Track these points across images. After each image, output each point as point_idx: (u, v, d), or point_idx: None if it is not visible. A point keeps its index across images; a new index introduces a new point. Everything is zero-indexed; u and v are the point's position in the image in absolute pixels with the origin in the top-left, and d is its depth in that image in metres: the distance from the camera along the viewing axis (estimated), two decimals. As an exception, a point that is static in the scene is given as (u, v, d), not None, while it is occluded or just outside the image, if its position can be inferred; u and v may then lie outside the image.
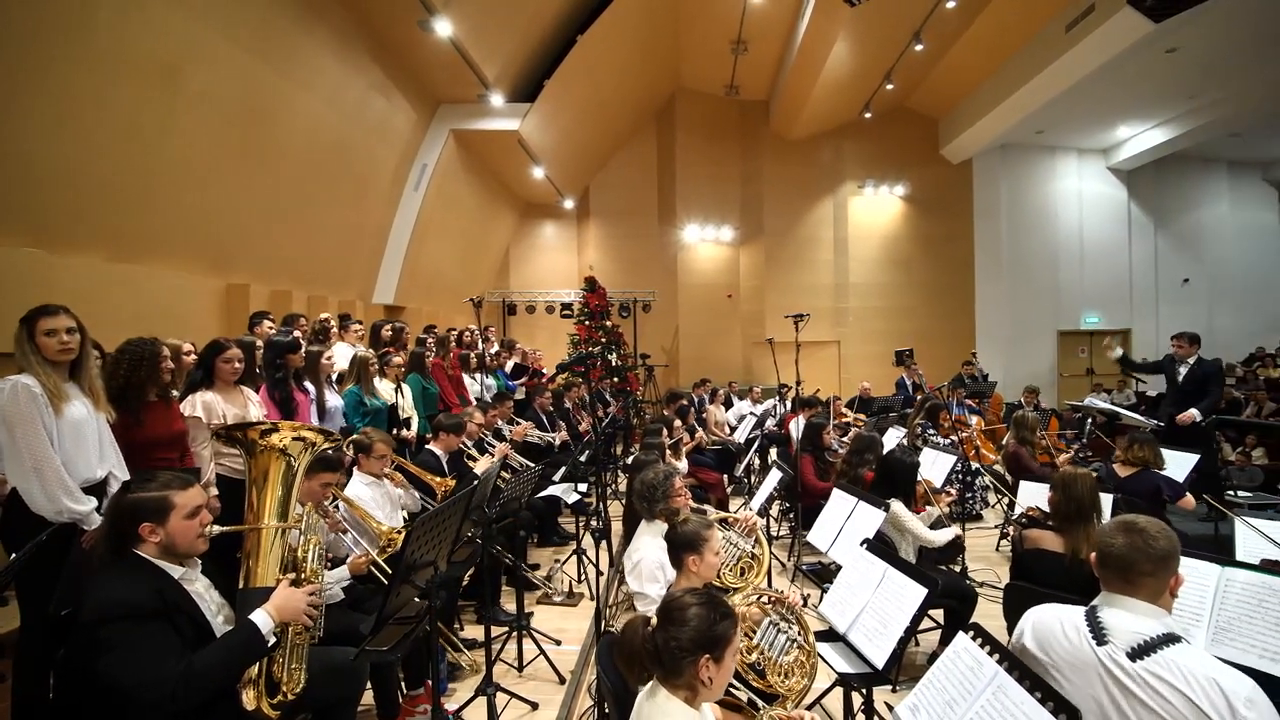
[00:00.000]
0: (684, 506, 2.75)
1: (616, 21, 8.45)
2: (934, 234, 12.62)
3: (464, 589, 3.72)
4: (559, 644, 3.43)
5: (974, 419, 7.10)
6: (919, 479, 3.74)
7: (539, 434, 5.73)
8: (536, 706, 2.88)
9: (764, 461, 7.00)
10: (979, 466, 6.15)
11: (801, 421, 5.19)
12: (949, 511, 3.90)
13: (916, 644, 3.50)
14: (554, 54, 8.61)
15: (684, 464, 5.34)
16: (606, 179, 12.35)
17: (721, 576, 2.55)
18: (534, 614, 3.72)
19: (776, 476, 4.39)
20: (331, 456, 2.65)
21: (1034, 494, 3.88)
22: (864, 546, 2.53)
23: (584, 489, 4.61)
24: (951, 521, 3.72)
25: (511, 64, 8.26)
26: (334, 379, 4.30)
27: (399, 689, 2.70)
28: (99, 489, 2.41)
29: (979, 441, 6.61)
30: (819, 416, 5.81)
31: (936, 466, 4.55)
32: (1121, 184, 12.68)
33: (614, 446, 7.78)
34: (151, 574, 1.70)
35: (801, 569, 4.42)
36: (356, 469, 3.23)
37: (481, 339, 6.79)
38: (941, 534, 3.51)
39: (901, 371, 9.33)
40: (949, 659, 1.61)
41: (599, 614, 3.08)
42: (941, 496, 3.86)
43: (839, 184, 12.56)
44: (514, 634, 3.25)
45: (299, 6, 5.54)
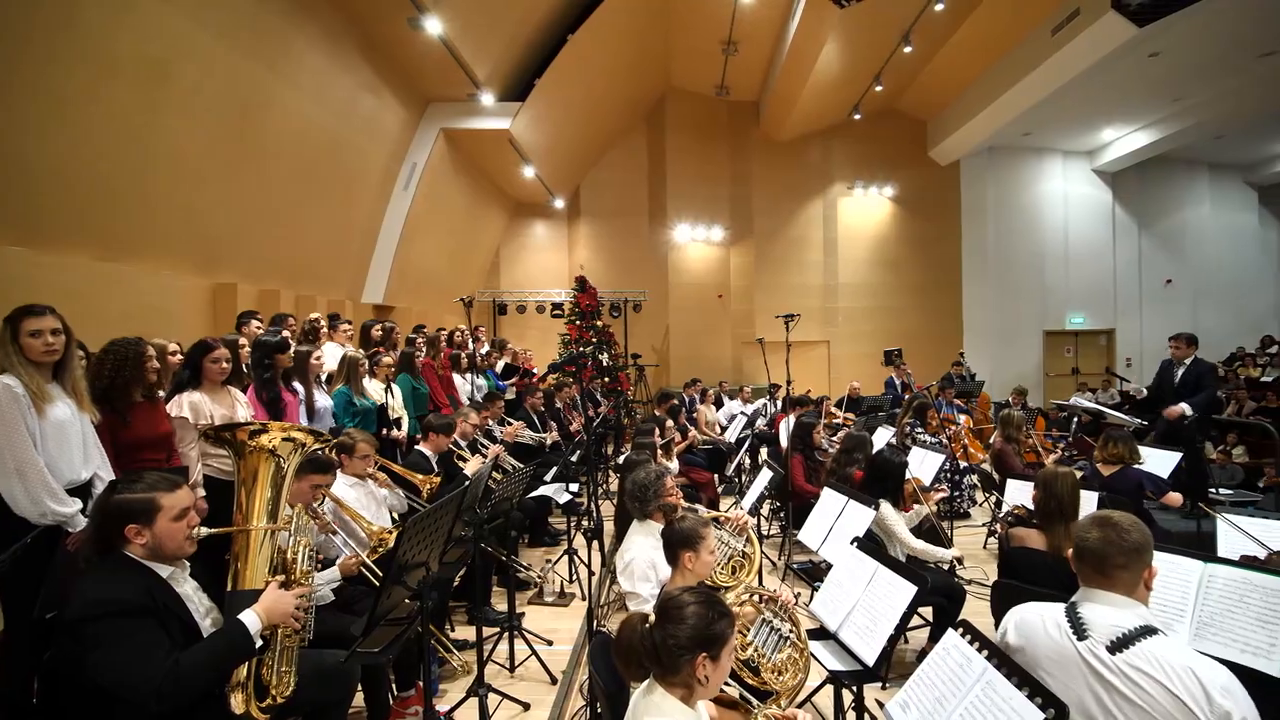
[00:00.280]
0: (677, 506, 2.76)
1: (607, 21, 8.44)
2: (922, 235, 12.72)
3: (455, 590, 3.71)
4: (550, 644, 3.43)
5: (962, 418, 7.17)
6: (908, 477, 3.77)
7: (530, 434, 5.72)
8: (528, 707, 2.87)
9: (754, 461, 7.03)
10: (967, 465, 6.21)
11: (792, 421, 5.21)
12: (938, 509, 3.93)
13: (905, 641, 3.53)
14: (545, 53, 8.60)
15: (675, 464, 5.35)
16: (597, 179, 12.34)
17: (713, 575, 2.57)
18: (525, 614, 3.72)
19: (767, 476, 4.40)
20: (322, 458, 2.64)
21: (1021, 492, 3.93)
22: (854, 545, 2.55)
23: (575, 489, 4.61)
24: (941, 520, 3.74)
25: (502, 63, 8.23)
26: (323, 379, 4.26)
27: (390, 691, 2.69)
28: (83, 491, 2.38)
29: (967, 440, 6.67)
30: (809, 416, 5.84)
31: (925, 465, 4.59)
32: (1106, 186, 12.84)
33: (605, 446, 7.78)
34: (139, 573, 1.69)
35: (792, 567, 4.44)
36: (340, 470, 3.20)
37: (472, 339, 6.76)
38: (938, 552, 3.45)
39: (890, 371, 9.40)
40: (938, 656, 1.63)
41: (591, 614, 3.08)
42: (930, 494, 3.89)
43: (828, 185, 12.64)
44: (505, 634, 3.24)
45: (288, 4, 5.50)
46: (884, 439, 5.49)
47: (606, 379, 10.49)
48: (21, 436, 2.19)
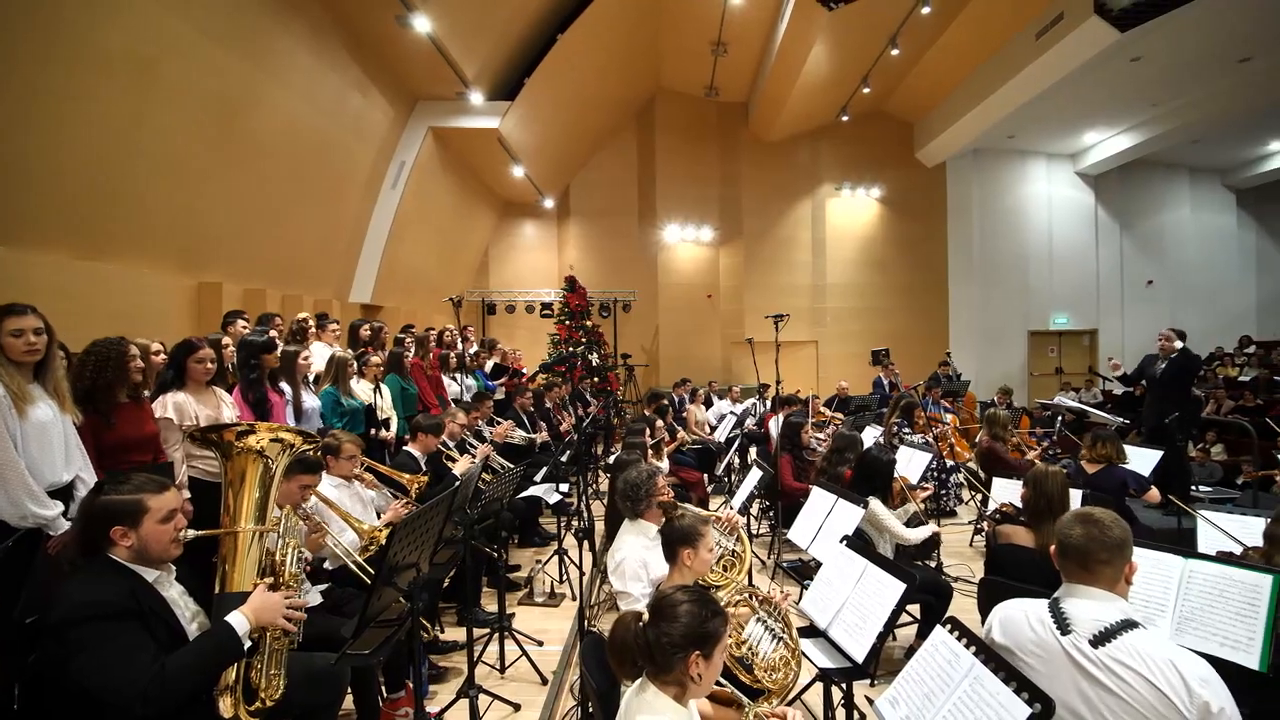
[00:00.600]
0: (676, 504, 2.77)
1: (597, 21, 8.44)
2: (909, 236, 12.84)
3: (444, 591, 3.69)
4: (541, 644, 3.42)
5: (948, 417, 7.24)
6: (896, 476, 3.81)
7: (520, 434, 5.70)
8: (519, 708, 2.87)
9: (744, 460, 7.05)
10: (953, 464, 6.28)
11: (781, 420, 5.24)
12: (925, 508, 3.97)
13: (894, 639, 3.56)
14: (534, 52, 8.57)
15: (665, 463, 5.36)
16: (587, 178, 12.33)
17: (705, 575, 2.57)
18: (515, 615, 3.71)
19: (757, 475, 4.42)
20: (310, 458, 2.61)
21: (1007, 490, 3.99)
22: (843, 543, 2.57)
23: (565, 489, 4.60)
24: (928, 518, 3.78)
25: (491, 62, 8.20)
26: (310, 379, 4.23)
27: (379, 692, 2.67)
28: (65, 493, 2.34)
29: (953, 439, 6.74)
30: (797, 415, 5.88)
31: (912, 464, 4.64)
32: (1089, 188, 13.03)
33: (595, 446, 7.77)
34: (124, 575, 1.66)
35: (782, 566, 4.47)
36: (325, 471, 3.17)
37: (461, 339, 6.72)
38: (918, 532, 3.57)
39: (878, 371, 9.48)
40: (927, 652, 1.64)
41: (582, 614, 3.08)
42: (917, 492, 3.93)
43: (817, 186, 12.71)
44: (496, 635, 3.23)
45: (276, 2, 5.45)
46: (872, 438, 5.54)
47: (596, 379, 10.48)
48: (2, 438, 2.15)
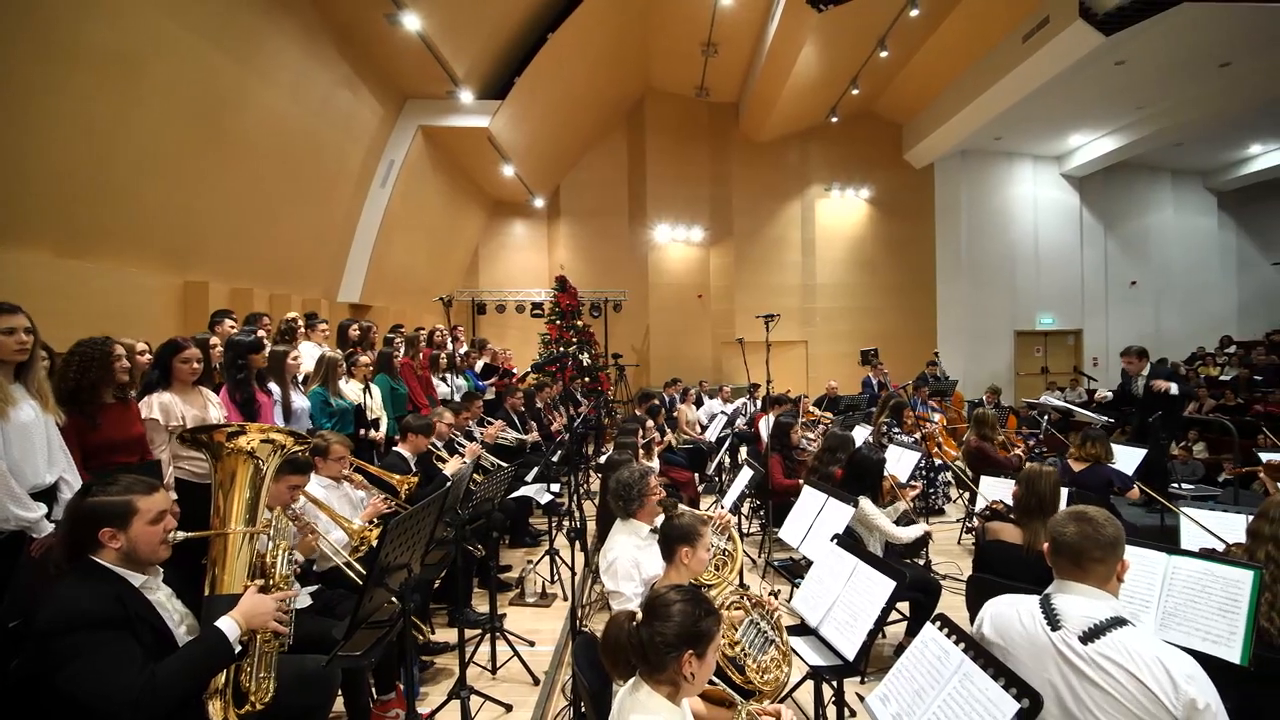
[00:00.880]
0: (676, 503, 2.78)
1: (587, 21, 8.43)
2: (897, 236, 12.93)
3: (435, 591, 3.67)
4: (533, 645, 3.42)
5: (936, 416, 7.31)
6: (885, 475, 3.84)
7: (511, 434, 5.69)
8: (511, 708, 2.86)
9: (734, 460, 7.08)
10: (941, 463, 6.34)
11: (771, 420, 5.27)
12: (913, 506, 4.01)
13: (883, 636, 3.59)
14: (524, 51, 8.54)
15: (656, 463, 5.37)
16: (577, 178, 12.31)
17: (698, 574, 2.59)
18: (507, 615, 3.70)
19: (748, 475, 4.44)
20: (299, 458, 2.59)
21: (996, 488, 4.03)
22: (834, 541, 2.59)
23: (556, 489, 4.60)
24: (918, 517, 3.82)
25: (481, 60, 8.16)
26: (300, 380, 4.19)
27: (369, 694, 2.66)
28: (48, 495, 2.31)
29: (941, 438, 6.81)
30: (787, 415, 5.91)
31: (901, 463, 4.68)
32: (1074, 190, 13.19)
33: (585, 446, 7.77)
34: (111, 582, 1.64)
35: (773, 564, 4.50)
36: (314, 473, 3.15)
37: (451, 339, 6.69)
38: (909, 531, 3.60)
39: (867, 370, 9.55)
40: (917, 649, 1.66)
41: (574, 613, 3.08)
42: (907, 490, 3.97)
43: (806, 186, 12.77)
44: (487, 636, 3.23)
45: (263, -3, 5.39)
46: (861, 438, 5.58)
47: (587, 379, 10.47)
48: (-17, 439, 2.12)
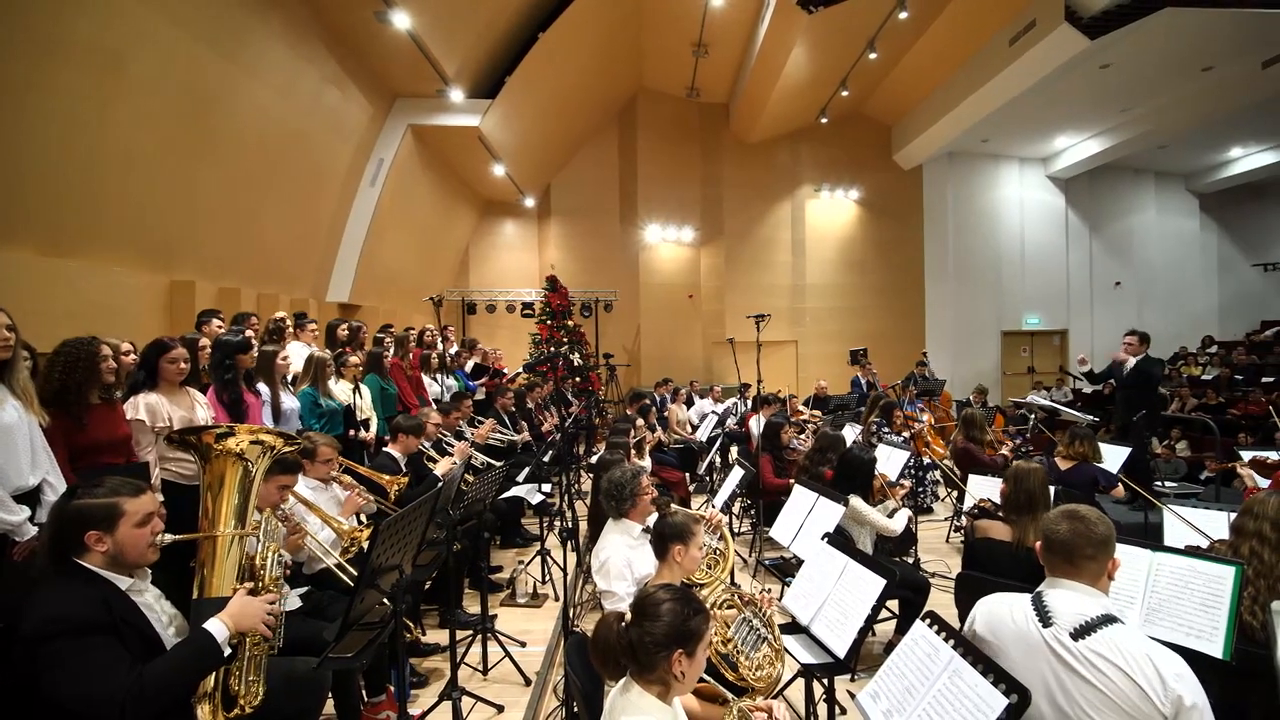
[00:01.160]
0: (669, 501, 2.79)
1: (578, 20, 8.42)
2: (886, 237, 13.02)
3: (426, 592, 3.66)
4: (524, 645, 3.41)
5: (925, 416, 7.37)
6: (875, 474, 3.87)
7: (501, 434, 5.67)
8: (502, 709, 2.85)
9: (725, 460, 7.10)
10: (930, 461, 6.39)
11: (762, 420, 5.29)
12: (903, 504, 4.04)
13: (873, 634, 3.61)
14: (515, 50, 8.52)
15: (647, 462, 5.37)
16: (568, 178, 12.29)
17: (690, 573, 2.60)
18: (498, 616, 3.69)
19: (739, 474, 4.46)
20: (288, 458, 2.57)
21: (983, 487, 4.07)
22: (825, 540, 2.61)
23: (548, 489, 4.59)
24: (902, 505, 3.86)
25: (471, 59, 8.13)
26: (289, 380, 4.16)
27: (360, 697, 2.64)
28: (31, 497, 2.28)
29: (929, 437, 6.86)
30: (777, 415, 5.93)
31: (891, 462, 4.71)
32: (1059, 191, 13.35)
33: (576, 446, 7.76)
34: (97, 586, 1.62)
35: (764, 563, 4.52)
36: (301, 474, 3.12)
37: (441, 339, 6.66)
38: (898, 521, 3.64)
39: (856, 370, 9.61)
40: (907, 646, 1.68)
41: (566, 613, 3.08)
42: (897, 489, 4.00)
43: (796, 187, 12.83)
44: (478, 636, 3.22)
45: (249, -7, 5.34)
46: (850, 437, 5.61)
47: (578, 379, 10.46)
48: (-36, 441, 2.09)
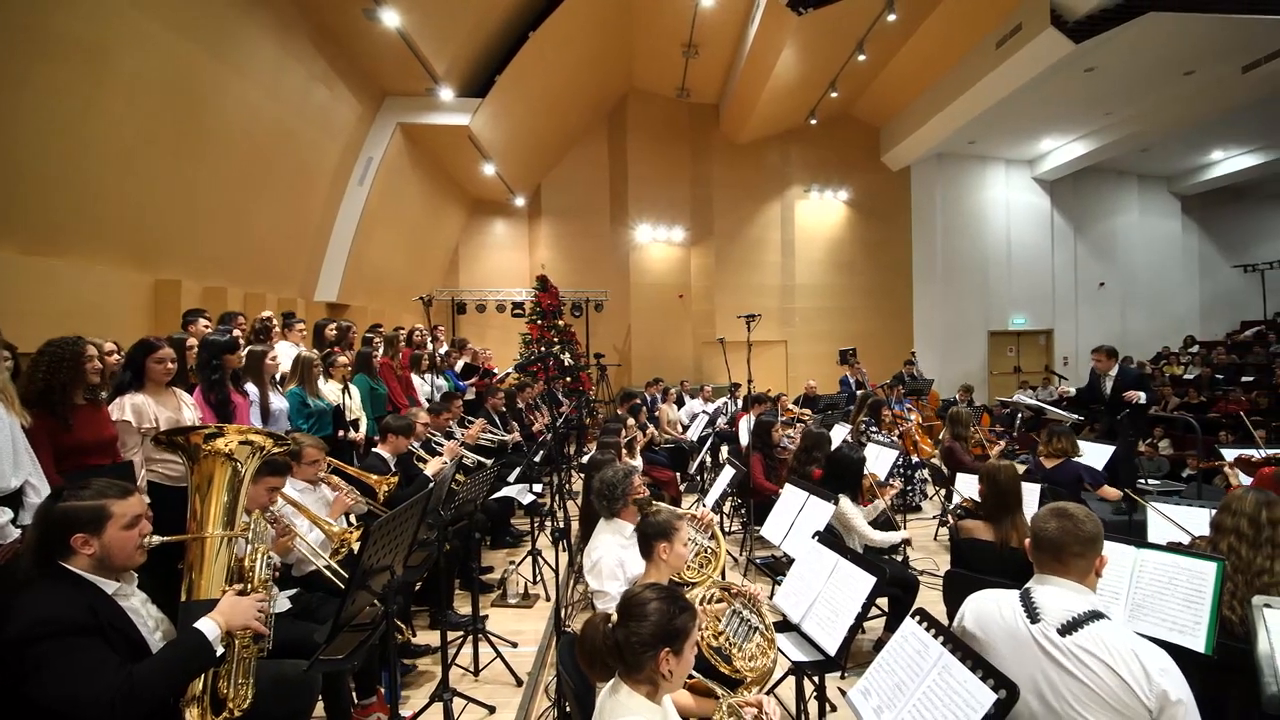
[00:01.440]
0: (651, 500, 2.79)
1: (569, 20, 8.41)
2: (875, 238, 13.12)
3: (417, 593, 3.64)
4: (515, 646, 3.40)
5: (913, 415, 7.43)
6: (865, 473, 3.90)
7: (492, 434, 5.65)
8: (494, 710, 2.85)
9: (716, 459, 7.12)
10: (918, 460, 6.45)
11: (752, 419, 5.31)
12: (892, 504, 4.07)
13: (862, 632, 3.65)
14: (506, 49, 8.49)
15: (639, 461, 5.38)
16: (558, 177, 12.27)
17: (681, 572, 2.60)
18: (489, 617, 3.68)
19: (730, 473, 4.48)
20: (277, 459, 2.55)
21: (971, 486, 4.11)
22: (815, 539, 2.62)
23: (539, 489, 4.58)
24: (897, 513, 3.88)
25: (461, 58, 8.10)
26: (278, 380, 4.12)
27: (350, 699, 2.63)
28: (13, 499, 2.24)
29: (917, 436, 6.93)
30: (768, 414, 5.96)
31: (880, 461, 4.75)
32: (1045, 193, 13.52)
33: (566, 446, 7.75)
34: (83, 589, 1.60)
35: (754, 562, 4.54)
36: (289, 476, 3.09)
37: (431, 338, 6.63)
38: (888, 536, 3.62)
39: (845, 370, 9.68)
40: (897, 643, 1.70)
41: (558, 613, 3.08)
42: (886, 489, 4.03)
43: (786, 188, 12.89)
44: (469, 637, 3.21)
45: (236, -11, 5.29)
46: (840, 436, 5.65)
47: (568, 379, 10.45)
48: (-55, 442, 2.05)
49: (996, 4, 8.43)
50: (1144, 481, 6.46)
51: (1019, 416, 7.53)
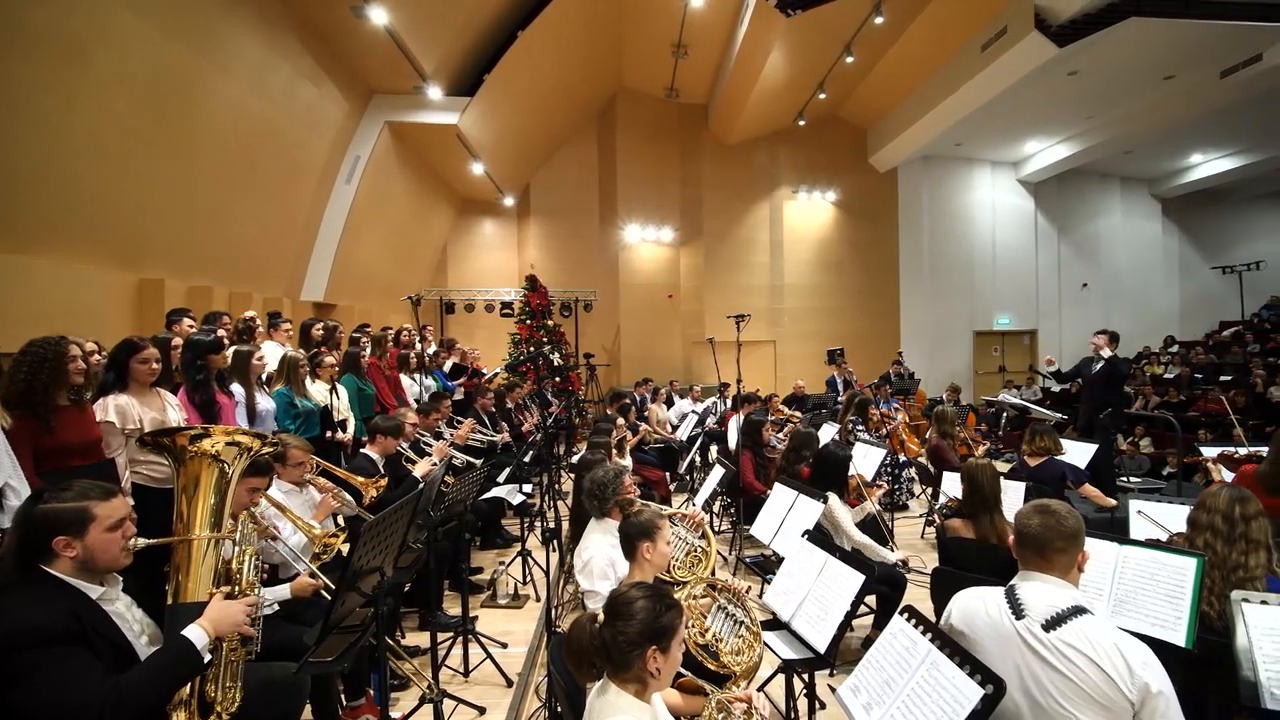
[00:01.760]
0: (634, 500, 2.80)
1: (558, 19, 8.39)
2: (862, 239, 13.21)
3: (406, 595, 3.62)
4: (505, 647, 3.40)
5: (900, 414, 7.50)
6: (853, 473, 3.92)
7: (481, 435, 5.63)
8: (484, 711, 2.84)
9: (705, 459, 7.14)
10: (905, 459, 6.51)
11: (741, 419, 5.33)
12: (881, 505, 4.10)
13: (851, 630, 3.67)
14: (494, 48, 8.46)
15: (628, 461, 5.38)
16: (547, 177, 12.24)
17: (671, 571, 2.61)
18: (479, 617, 3.67)
19: (719, 473, 4.49)
20: (260, 460, 2.52)
21: (957, 485, 4.15)
22: (805, 537, 2.64)
23: (529, 490, 4.57)
24: (884, 512, 3.90)
25: (450, 56, 8.05)
26: (264, 380, 4.08)
27: (339, 701, 2.61)
28: (-5, 502, 2.21)
29: (904, 435, 6.99)
30: (757, 414, 5.98)
31: (867, 460, 4.78)
32: (1029, 195, 13.69)
33: (556, 446, 7.73)
34: (66, 595, 1.57)
35: (744, 561, 4.56)
36: (275, 477, 3.06)
37: (419, 338, 6.59)
38: (881, 551, 3.60)
39: (833, 370, 9.74)
40: (886, 640, 1.72)
41: (548, 614, 3.08)
42: (874, 490, 4.06)
43: (774, 188, 12.94)
44: (459, 638, 3.20)
45: (220, -16, 5.23)
46: (827, 436, 5.69)
47: (558, 379, 10.43)
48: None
49: (982, 8, 8.53)
50: (1125, 479, 6.56)
51: (1004, 416, 7.62)
